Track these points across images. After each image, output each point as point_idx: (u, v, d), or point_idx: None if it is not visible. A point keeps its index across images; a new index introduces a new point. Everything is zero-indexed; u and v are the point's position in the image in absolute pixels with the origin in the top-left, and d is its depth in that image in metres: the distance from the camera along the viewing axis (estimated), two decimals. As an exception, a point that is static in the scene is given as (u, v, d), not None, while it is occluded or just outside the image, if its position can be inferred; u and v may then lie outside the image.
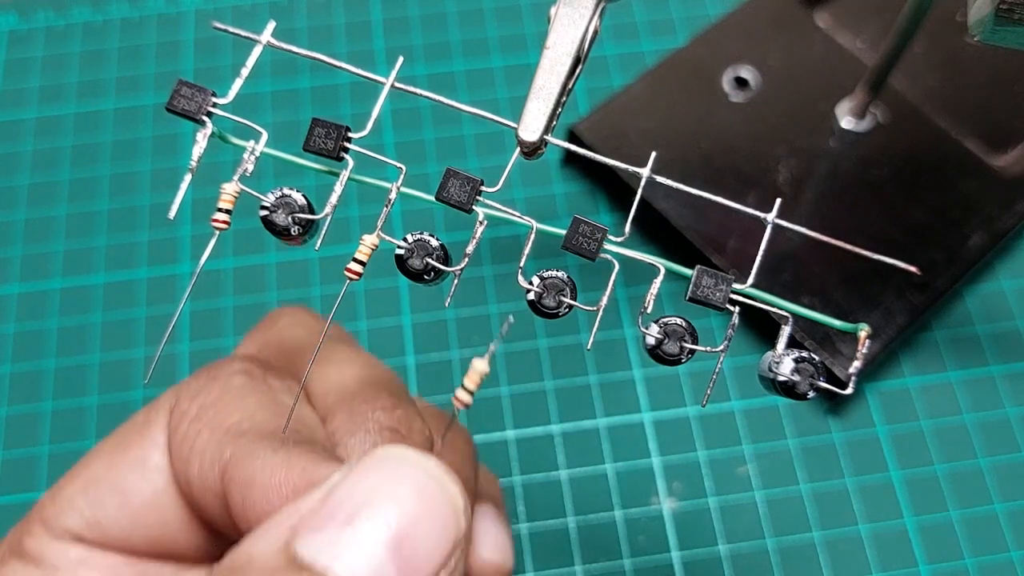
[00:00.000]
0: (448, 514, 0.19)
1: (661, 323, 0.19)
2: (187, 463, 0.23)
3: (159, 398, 0.25)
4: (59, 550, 0.23)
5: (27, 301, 0.43)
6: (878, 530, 0.38)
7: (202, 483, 0.22)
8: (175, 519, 0.24)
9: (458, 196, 0.19)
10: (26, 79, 0.49)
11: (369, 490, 0.19)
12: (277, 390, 0.25)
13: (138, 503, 0.24)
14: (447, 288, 0.19)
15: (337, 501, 0.19)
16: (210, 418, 0.23)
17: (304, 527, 0.18)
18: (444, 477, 0.19)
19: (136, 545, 0.24)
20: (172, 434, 0.24)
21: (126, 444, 0.24)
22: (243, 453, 0.22)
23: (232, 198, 0.19)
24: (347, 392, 0.25)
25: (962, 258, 0.41)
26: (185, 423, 0.23)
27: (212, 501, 0.22)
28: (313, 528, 0.18)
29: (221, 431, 0.22)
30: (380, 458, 0.19)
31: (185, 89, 0.19)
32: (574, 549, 0.38)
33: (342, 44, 0.50)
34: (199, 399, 0.24)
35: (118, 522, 0.23)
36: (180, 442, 0.23)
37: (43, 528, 0.24)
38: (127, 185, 0.46)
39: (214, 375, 0.24)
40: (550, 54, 0.20)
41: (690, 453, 0.39)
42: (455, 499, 0.19)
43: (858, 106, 0.43)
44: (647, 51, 0.49)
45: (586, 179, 0.46)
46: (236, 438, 0.22)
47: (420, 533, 0.18)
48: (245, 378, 0.24)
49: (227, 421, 0.23)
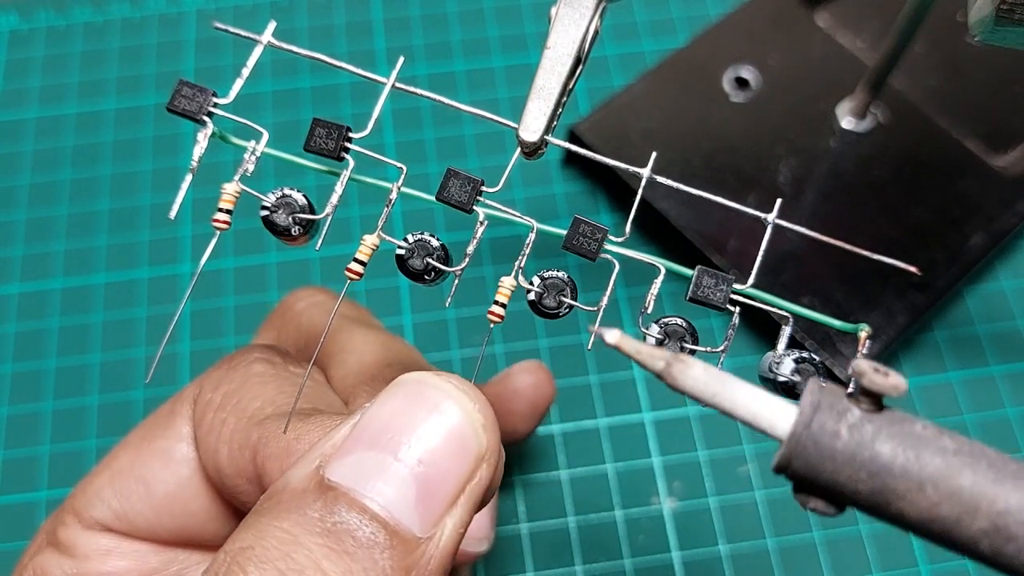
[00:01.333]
0: (467, 431, 0.19)
1: (661, 323, 0.19)
2: (215, 452, 0.23)
3: (183, 390, 0.25)
4: (89, 540, 0.24)
5: (28, 301, 0.43)
6: (878, 530, 0.38)
7: (233, 469, 0.23)
8: (199, 509, 0.24)
9: (459, 196, 0.19)
10: (27, 79, 0.49)
11: (390, 414, 0.19)
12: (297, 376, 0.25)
13: (163, 494, 0.24)
14: (447, 288, 0.19)
15: (362, 428, 0.19)
16: (234, 406, 0.24)
17: (333, 454, 0.19)
18: (462, 395, 0.20)
19: (162, 534, 0.24)
20: (198, 425, 0.24)
21: (151, 436, 0.25)
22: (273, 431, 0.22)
23: (233, 198, 0.19)
24: (366, 374, 0.25)
25: (962, 258, 0.41)
26: (211, 412, 0.24)
27: (245, 486, 0.23)
28: (342, 453, 0.19)
29: (246, 418, 0.23)
30: (400, 384, 0.20)
31: (186, 89, 0.19)
32: (574, 549, 0.38)
33: (343, 44, 0.50)
34: (222, 388, 0.24)
35: (143, 513, 0.24)
36: (207, 432, 0.24)
37: (74, 518, 0.24)
38: (128, 185, 0.46)
39: (234, 364, 0.25)
40: (551, 54, 0.20)
41: (690, 453, 0.39)
42: (472, 416, 0.20)
43: (858, 106, 0.43)
44: (647, 51, 0.49)
45: (586, 179, 0.46)
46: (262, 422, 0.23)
47: (440, 452, 0.19)
48: (265, 365, 0.25)
49: (251, 407, 0.23)
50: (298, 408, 0.23)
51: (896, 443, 0.15)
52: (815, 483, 0.15)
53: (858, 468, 0.15)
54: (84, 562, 0.24)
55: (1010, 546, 0.14)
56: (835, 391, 0.15)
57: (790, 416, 0.15)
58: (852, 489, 0.15)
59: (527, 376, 0.34)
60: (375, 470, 0.19)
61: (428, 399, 0.20)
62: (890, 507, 0.15)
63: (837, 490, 0.15)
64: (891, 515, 0.15)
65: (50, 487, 0.39)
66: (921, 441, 0.15)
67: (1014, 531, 0.14)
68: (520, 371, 0.35)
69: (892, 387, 0.15)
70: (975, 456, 0.15)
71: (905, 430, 0.15)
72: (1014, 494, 0.14)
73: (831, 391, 0.15)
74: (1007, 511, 0.14)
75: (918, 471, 0.14)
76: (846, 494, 0.15)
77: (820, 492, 0.15)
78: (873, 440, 0.15)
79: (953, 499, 0.14)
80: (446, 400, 0.19)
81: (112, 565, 0.24)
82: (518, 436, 0.35)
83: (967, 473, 0.14)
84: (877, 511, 0.15)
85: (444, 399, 0.19)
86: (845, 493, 0.15)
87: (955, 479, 0.14)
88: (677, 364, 0.16)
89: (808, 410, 0.15)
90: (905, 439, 0.15)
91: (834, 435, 0.15)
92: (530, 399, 0.34)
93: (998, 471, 0.14)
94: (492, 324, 0.19)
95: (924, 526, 0.15)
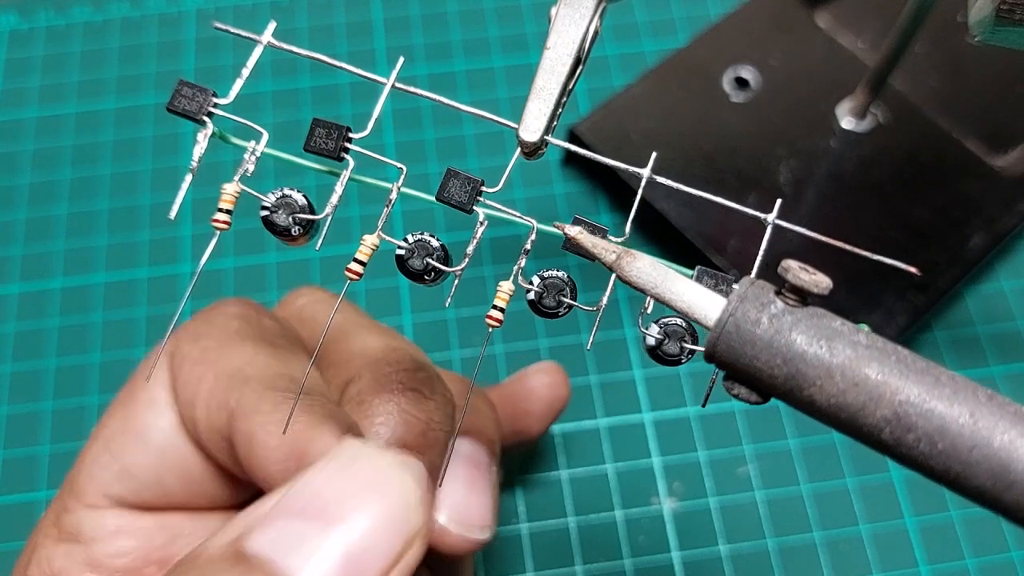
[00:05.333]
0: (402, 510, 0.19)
1: (661, 323, 0.19)
2: (192, 406, 0.23)
3: (157, 346, 0.25)
4: (95, 521, 0.24)
5: (28, 301, 0.43)
6: (878, 530, 0.38)
7: (210, 425, 0.23)
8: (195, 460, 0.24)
9: (459, 196, 0.19)
10: (27, 79, 0.49)
11: (323, 484, 0.19)
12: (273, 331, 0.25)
13: (159, 440, 0.24)
14: (447, 288, 0.19)
15: (291, 496, 0.19)
16: (212, 361, 0.24)
17: (255, 524, 0.19)
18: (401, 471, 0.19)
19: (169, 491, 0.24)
20: (176, 376, 0.24)
21: (134, 394, 0.25)
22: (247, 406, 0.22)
23: (233, 198, 0.19)
24: (371, 357, 0.25)
25: (963, 258, 0.41)
26: (188, 365, 0.24)
27: (221, 444, 0.23)
28: (267, 522, 0.19)
29: (225, 376, 0.23)
30: (336, 454, 0.20)
31: (186, 89, 0.19)
32: (574, 549, 0.38)
33: (343, 44, 0.50)
34: (200, 342, 0.24)
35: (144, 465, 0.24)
36: (184, 384, 0.24)
37: (76, 501, 0.24)
38: (128, 185, 0.46)
39: (210, 319, 0.25)
40: (551, 54, 0.20)
41: (690, 453, 0.39)
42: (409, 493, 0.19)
43: (859, 106, 0.43)
44: (648, 51, 0.49)
45: (586, 179, 0.46)
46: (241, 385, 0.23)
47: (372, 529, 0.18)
48: (242, 322, 0.25)
49: (229, 365, 0.23)
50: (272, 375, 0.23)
51: (812, 334, 0.16)
52: (737, 367, 0.16)
53: (774, 354, 0.15)
54: (92, 546, 0.24)
55: (910, 436, 0.15)
56: (764, 286, 0.16)
57: (719, 308, 0.16)
58: (769, 374, 0.16)
59: (544, 376, 0.34)
60: (298, 541, 0.18)
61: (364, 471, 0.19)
62: (802, 392, 0.15)
63: (756, 376, 0.16)
64: (802, 401, 0.16)
65: (50, 487, 0.39)
66: (836, 334, 0.16)
67: (914, 421, 0.15)
68: (537, 371, 0.35)
69: (814, 283, 0.16)
70: (885, 352, 0.15)
71: (823, 324, 0.16)
72: (916, 387, 0.15)
73: (760, 286, 0.16)
74: (908, 401, 0.15)
75: (828, 360, 0.15)
76: (764, 380, 0.16)
77: (743, 379, 0.16)
78: (791, 329, 0.16)
79: (859, 387, 0.15)
80: (383, 475, 0.19)
81: (120, 545, 0.24)
82: (532, 436, 0.35)
83: (875, 365, 0.15)
84: (790, 397, 0.16)
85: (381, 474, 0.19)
86: (763, 379, 0.16)
87: (862, 369, 0.15)
88: (626, 257, 0.17)
89: (735, 300, 0.16)
90: (821, 331, 0.16)
91: (755, 323, 0.16)
92: (546, 399, 0.34)
93: (905, 366, 0.15)
94: (491, 328, 0.19)
95: (832, 412, 0.15)
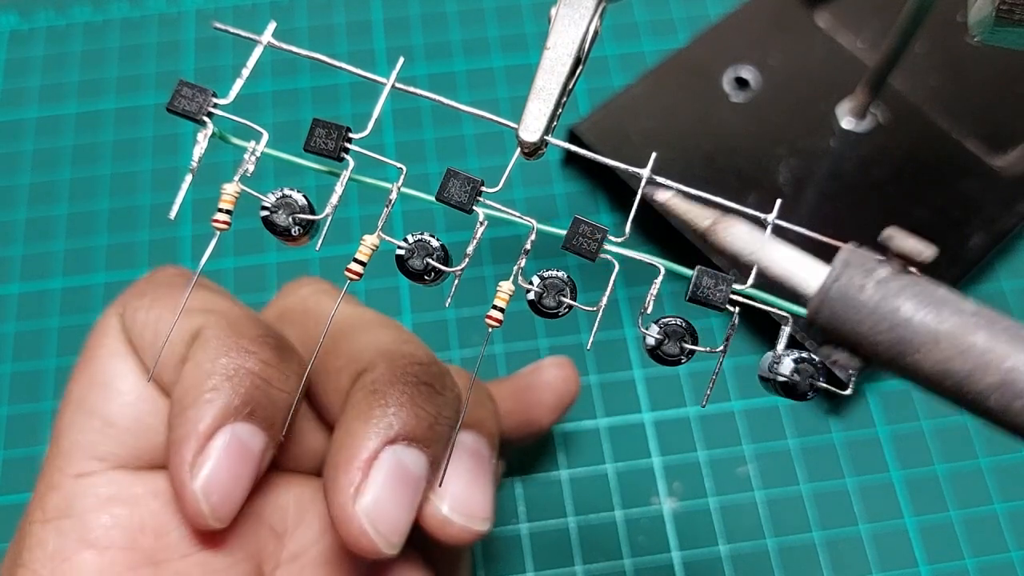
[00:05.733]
0: None
1: (661, 323, 0.19)
2: (154, 347, 0.24)
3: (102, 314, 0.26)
4: (84, 490, 0.24)
5: (27, 301, 0.43)
6: (878, 530, 0.38)
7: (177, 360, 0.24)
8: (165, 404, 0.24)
9: (458, 196, 0.19)
10: (27, 79, 0.49)
11: None
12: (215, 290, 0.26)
13: (129, 384, 0.24)
14: (447, 288, 0.19)
15: None
16: (165, 303, 0.24)
17: None
18: None
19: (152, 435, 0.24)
20: (130, 329, 0.25)
21: (92, 352, 0.25)
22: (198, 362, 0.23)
23: (233, 198, 0.19)
24: (384, 348, 0.25)
25: (962, 258, 0.41)
26: (142, 313, 0.24)
27: None
28: None
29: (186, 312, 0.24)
30: None
31: (186, 89, 0.19)
32: (574, 549, 0.38)
33: (342, 44, 0.50)
34: (150, 292, 0.25)
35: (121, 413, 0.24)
36: (141, 330, 0.24)
37: (62, 474, 0.24)
38: (128, 185, 0.46)
39: (154, 278, 0.26)
40: (550, 54, 0.20)
41: (690, 453, 0.39)
42: None
43: (858, 106, 0.43)
44: (648, 51, 0.49)
45: (586, 179, 0.46)
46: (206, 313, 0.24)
47: None
48: (185, 280, 0.26)
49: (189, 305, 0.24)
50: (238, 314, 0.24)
51: (918, 301, 0.15)
52: (839, 332, 0.16)
53: (879, 319, 0.15)
54: (85, 517, 0.23)
55: (1018, 402, 0.15)
56: (866, 255, 0.16)
57: (821, 275, 0.16)
58: (872, 340, 0.16)
59: (556, 370, 0.36)
60: None
61: None
62: (906, 359, 0.15)
63: (859, 341, 0.16)
64: (906, 367, 0.16)
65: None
66: (942, 301, 0.16)
67: (1022, 388, 0.15)
68: (550, 365, 0.36)
69: (918, 251, 0.16)
70: (992, 320, 0.15)
71: (928, 290, 0.16)
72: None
73: (863, 254, 0.16)
74: (1016, 368, 0.15)
75: (935, 326, 0.15)
76: (866, 345, 0.16)
77: (844, 343, 0.16)
78: (896, 295, 0.16)
79: (966, 354, 0.15)
80: None
81: (115, 514, 0.23)
82: (541, 428, 0.36)
83: (982, 333, 0.15)
84: (894, 364, 0.16)
85: None
86: (865, 344, 0.16)
87: (969, 336, 0.15)
88: (722, 222, 0.17)
89: (839, 266, 0.16)
90: (927, 297, 0.16)
91: (860, 288, 0.16)
92: (559, 392, 0.36)
93: (1012, 334, 0.15)
94: (491, 328, 0.19)
95: (936, 379, 0.15)
